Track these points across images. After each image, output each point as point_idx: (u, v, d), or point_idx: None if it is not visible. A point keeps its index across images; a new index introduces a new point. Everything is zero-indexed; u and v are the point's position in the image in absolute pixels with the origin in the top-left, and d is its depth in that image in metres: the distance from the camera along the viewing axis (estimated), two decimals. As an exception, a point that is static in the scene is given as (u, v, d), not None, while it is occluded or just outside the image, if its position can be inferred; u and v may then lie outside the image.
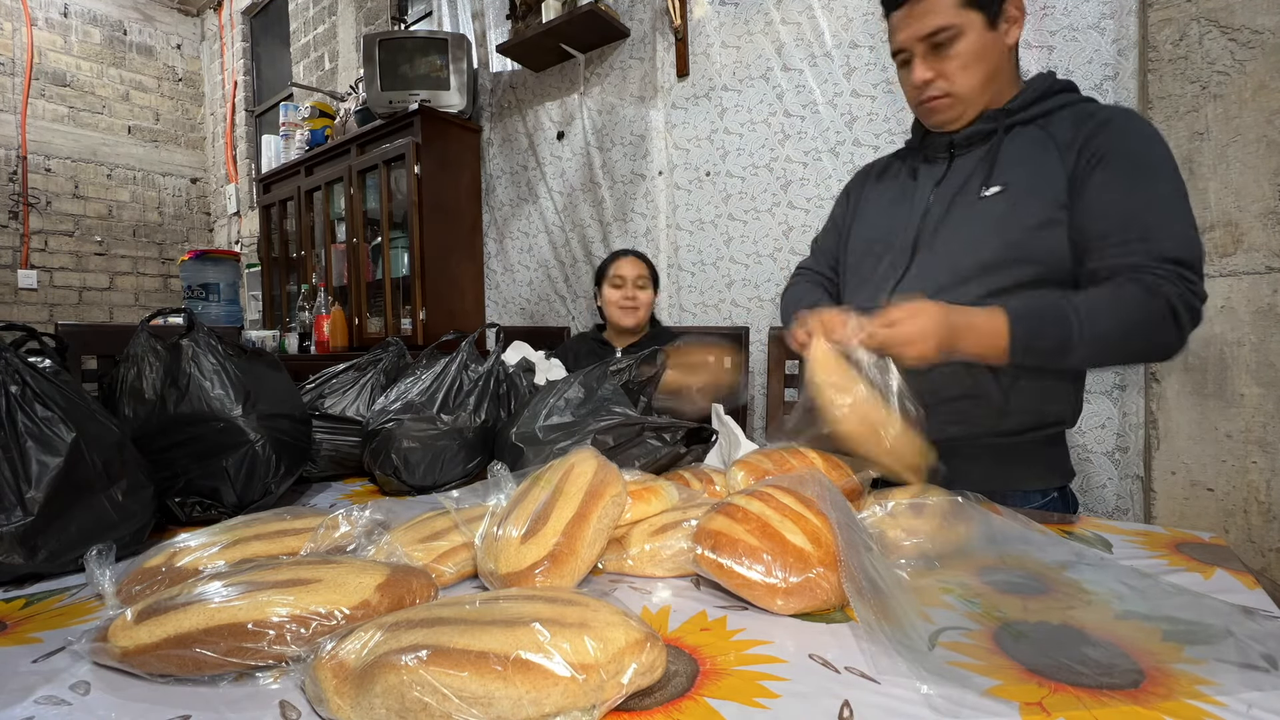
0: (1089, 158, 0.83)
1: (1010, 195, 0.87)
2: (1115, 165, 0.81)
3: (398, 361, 1.27)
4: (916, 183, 0.99)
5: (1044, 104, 0.90)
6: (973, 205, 0.90)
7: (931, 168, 0.98)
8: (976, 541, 0.63)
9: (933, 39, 0.87)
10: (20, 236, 3.97)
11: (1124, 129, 0.84)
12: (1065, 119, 0.88)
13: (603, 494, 0.59)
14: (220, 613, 0.44)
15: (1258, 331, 1.25)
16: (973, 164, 0.92)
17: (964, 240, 0.89)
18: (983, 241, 0.88)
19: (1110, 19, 1.42)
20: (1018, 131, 0.90)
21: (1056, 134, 0.87)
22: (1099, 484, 1.45)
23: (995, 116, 0.91)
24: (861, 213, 1.08)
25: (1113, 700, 0.38)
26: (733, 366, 1.24)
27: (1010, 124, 0.90)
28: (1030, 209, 0.85)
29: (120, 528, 0.67)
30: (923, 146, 1.01)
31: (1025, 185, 0.86)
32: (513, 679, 0.35)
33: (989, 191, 0.89)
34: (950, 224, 0.92)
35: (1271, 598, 0.53)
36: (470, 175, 2.84)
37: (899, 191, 1.02)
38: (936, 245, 0.92)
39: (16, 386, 0.64)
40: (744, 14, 2.03)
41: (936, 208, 0.94)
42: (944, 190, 0.94)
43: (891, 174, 1.07)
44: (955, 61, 0.87)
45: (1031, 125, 0.90)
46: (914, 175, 1.01)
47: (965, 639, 0.46)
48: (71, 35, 4.21)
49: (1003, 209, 0.87)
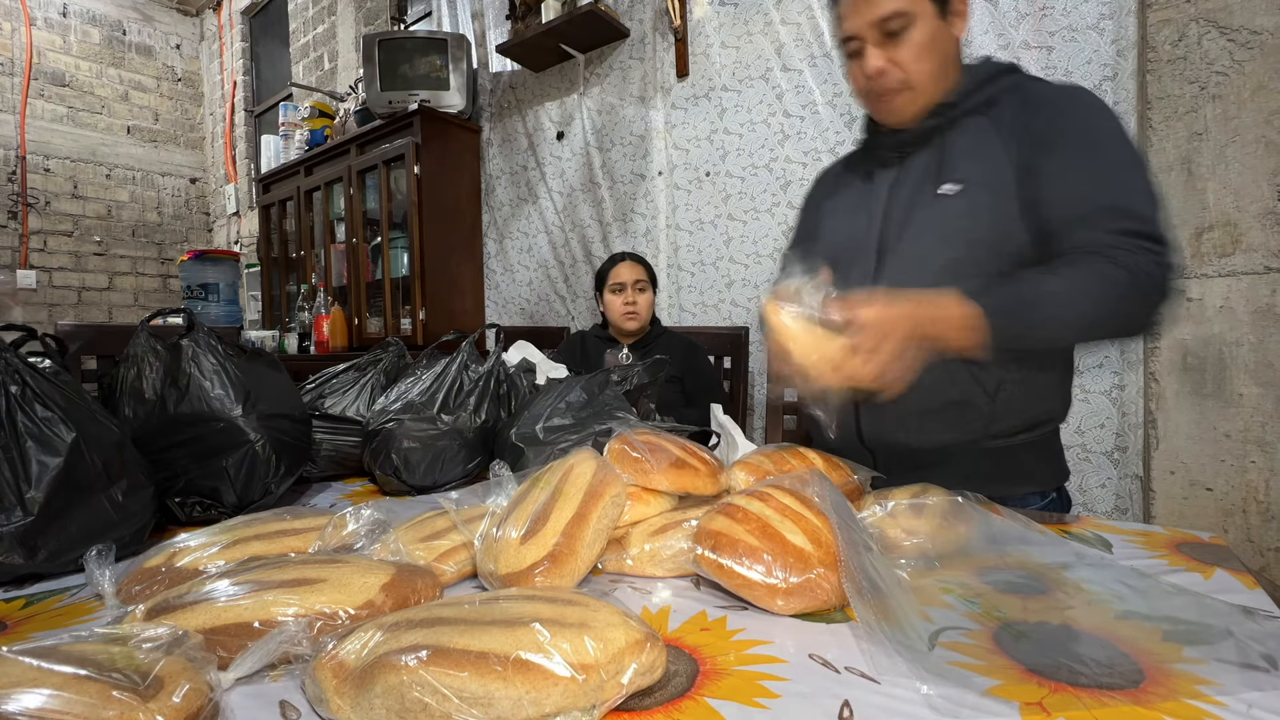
0: (1033, 142, 0.81)
1: (968, 193, 0.85)
2: (1062, 147, 0.79)
3: (397, 362, 1.27)
4: (872, 185, 0.97)
5: (986, 90, 0.87)
6: (932, 205, 0.88)
7: (885, 170, 0.96)
8: (976, 541, 0.63)
9: (886, 25, 0.84)
10: (19, 236, 3.97)
11: (1068, 107, 0.81)
12: (1009, 104, 0.86)
13: (602, 494, 0.59)
14: (226, 612, 0.44)
15: (1256, 331, 1.25)
16: (925, 162, 0.90)
17: (929, 242, 0.88)
18: (947, 242, 0.86)
19: (1109, 19, 1.42)
20: (965, 123, 0.88)
21: (1001, 120, 0.85)
22: (1098, 484, 1.45)
23: (941, 110, 0.88)
24: (824, 222, 1.06)
25: (1113, 700, 0.39)
26: None
27: (956, 115, 0.88)
28: (988, 205, 0.83)
29: (120, 528, 0.67)
30: (874, 147, 0.98)
31: (981, 180, 0.84)
32: (513, 679, 0.35)
33: (946, 190, 0.87)
34: (913, 226, 0.90)
35: (1271, 597, 0.53)
36: (470, 175, 2.84)
37: (857, 197, 1.00)
38: (902, 249, 0.90)
39: (16, 386, 0.64)
40: (744, 14, 2.03)
41: (896, 210, 0.92)
42: (900, 191, 0.92)
43: (846, 180, 1.05)
44: (910, 50, 0.84)
45: (977, 115, 0.87)
46: (869, 178, 0.99)
47: (965, 639, 0.47)
48: (70, 35, 4.21)
49: (961, 207, 0.85)
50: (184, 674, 0.37)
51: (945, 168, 0.88)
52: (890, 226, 0.93)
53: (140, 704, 0.34)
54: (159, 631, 0.40)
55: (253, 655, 0.40)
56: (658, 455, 0.68)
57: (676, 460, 0.68)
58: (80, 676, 0.34)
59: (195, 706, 0.36)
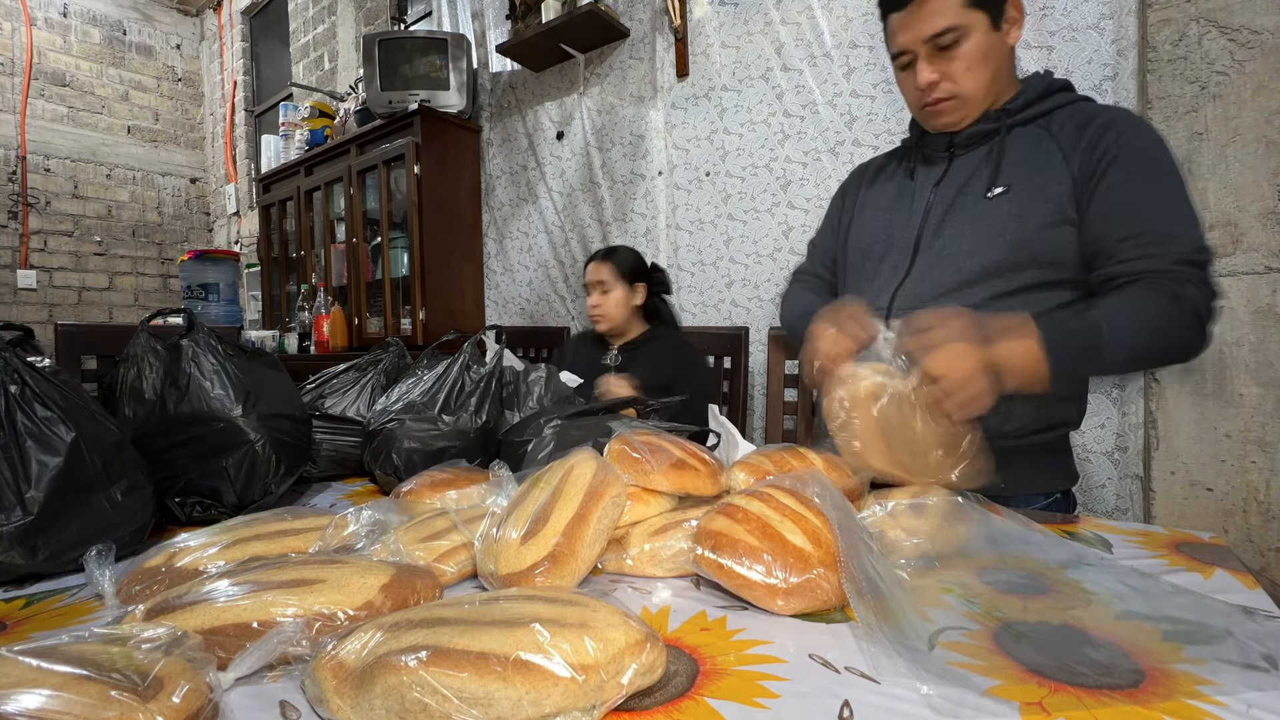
0: (1097, 160, 0.82)
1: (1015, 196, 0.86)
2: (1125, 168, 0.80)
3: (398, 362, 1.27)
4: (915, 183, 0.98)
5: (1043, 104, 0.89)
6: (976, 206, 0.89)
7: (930, 168, 0.97)
8: (976, 541, 0.63)
9: (938, 40, 0.85)
10: (20, 236, 3.97)
11: (1130, 131, 0.83)
12: (1066, 118, 0.87)
13: (602, 495, 0.59)
14: (225, 612, 0.44)
15: (1257, 331, 1.25)
16: (974, 164, 0.92)
17: (968, 242, 0.88)
18: (988, 243, 0.87)
19: (1110, 19, 1.42)
20: (1018, 132, 0.89)
21: (1058, 134, 0.86)
22: (1099, 484, 1.45)
23: (996, 116, 0.90)
24: (859, 213, 1.07)
25: (1113, 700, 0.39)
26: None
27: (1011, 124, 0.89)
28: (1036, 210, 0.84)
29: (120, 528, 0.67)
30: (920, 146, 1.00)
31: (1030, 186, 0.86)
32: (512, 679, 0.35)
33: (993, 192, 0.88)
34: (953, 225, 0.91)
35: (1271, 597, 0.53)
36: (470, 175, 2.84)
37: (897, 191, 1.01)
38: (938, 246, 0.91)
39: (16, 386, 0.64)
40: (744, 14, 2.03)
41: (937, 208, 0.93)
42: (944, 190, 0.93)
43: (888, 173, 1.06)
44: (961, 63, 0.86)
45: (1031, 125, 0.89)
46: (912, 175, 1.00)
47: (965, 639, 0.47)
48: (71, 35, 4.21)
49: (1008, 210, 0.86)
50: (184, 674, 0.37)
51: (989, 171, 0.89)
52: (929, 223, 0.93)
53: (140, 704, 0.34)
54: (158, 632, 0.40)
55: (251, 655, 0.40)
56: (658, 456, 0.68)
57: (677, 461, 0.68)
58: (80, 677, 0.34)
59: (195, 707, 0.36)
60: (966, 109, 0.90)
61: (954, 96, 0.88)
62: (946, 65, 0.87)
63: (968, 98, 0.88)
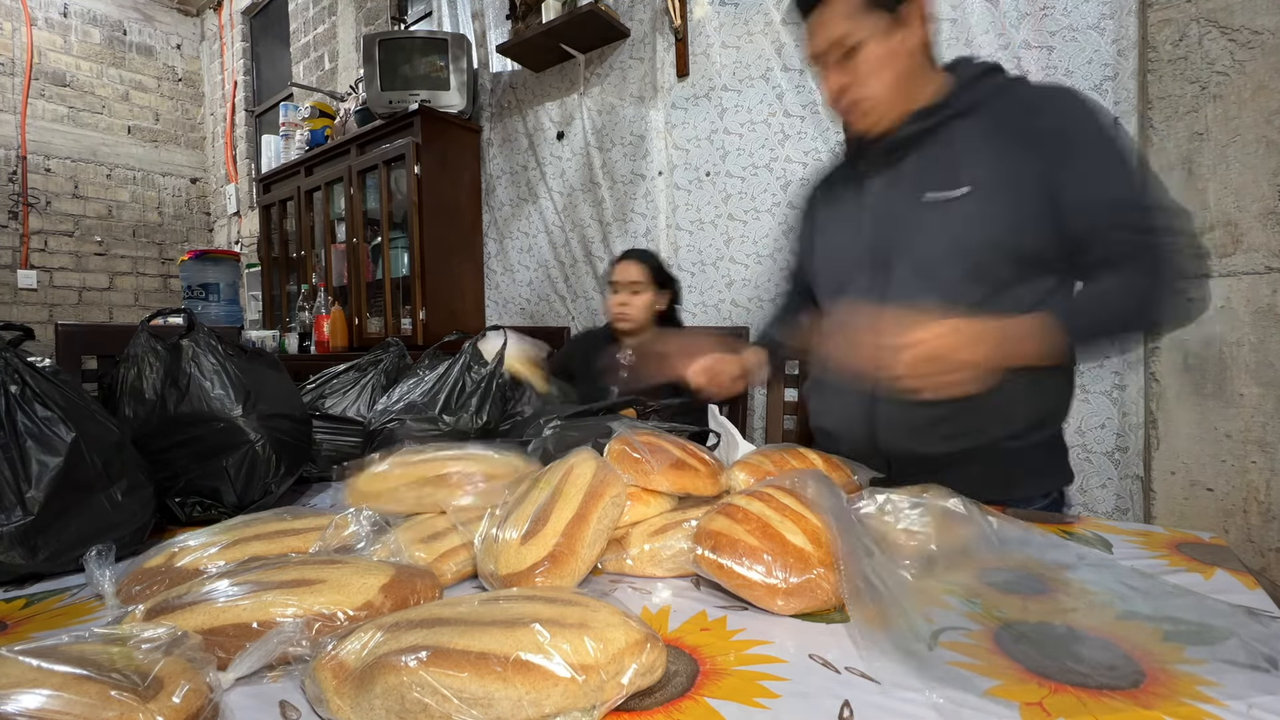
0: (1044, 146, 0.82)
1: (981, 195, 0.85)
2: (1085, 152, 0.81)
3: (398, 362, 1.27)
4: (865, 191, 0.96)
5: (971, 92, 0.88)
6: (941, 209, 0.87)
7: (880, 174, 0.95)
8: (977, 542, 0.63)
9: (840, 45, 0.86)
10: (20, 236, 3.97)
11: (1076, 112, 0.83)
12: (1007, 107, 0.86)
13: (602, 495, 0.59)
14: (225, 612, 0.44)
15: (1257, 331, 1.25)
16: (923, 165, 0.90)
17: (943, 247, 0.87)
18: (964, 246, 0.85)
19: (1110, 19, 1.42)
20: (959, 125, 0.87)
21: (1005, 126, 0.85)
22: (1099, 484, 1.45)
23: (931, 112, 0.88)
24: (820, 231, 1.06)
25: (1113, 700, 0.38)
26: None
27: (948, 117, 0.88)
28: (1004, 206, 0.83)
29: (120, 528, 0.67)
30: (863, 155, 0.98)
31: (992, 182, 0.84)
32: (512, 680, 0.35)
33: (956, 193, 0.86)
34: (924, 231, 0.89)
35: (1271, 598, 0.53)
36: (470, 175, 2.84)
37: (852, 204, 0.99)
38: (913, 255, 0.89)
39: (16, 386, 0.64)
40: (744, 14, 2.03)
41: (900, 217, 0.91)
42: (899, 197, 0.91)
43: (839, 187, 1.04)
44: (862, 68, 0.86)
45: (970, 116, 0.87)
46: (860, 185, 0.97)
47: (966, 639, 0.46)
48: (71, 35, 4.21)
49: (975, 210, 0.85)
50: (184, 674, 0.37)
51: (945, 171, 0.87)
52: (885, 233, 0.92)
53: (140, 704, 0.34)
54: (158, 632, 0.40)
55: (251, 656, 0.40)
56: (658, 456, 0.68)
57: (677, 461, 0.68)
58: (80, 677, 0.34)
59: (195, 707, 0.36)
60: (879, 111, 0.89)
61: (862, 100, 0.88)
62: (850, 71, 0.87)
63: (877, 100, 0.88)
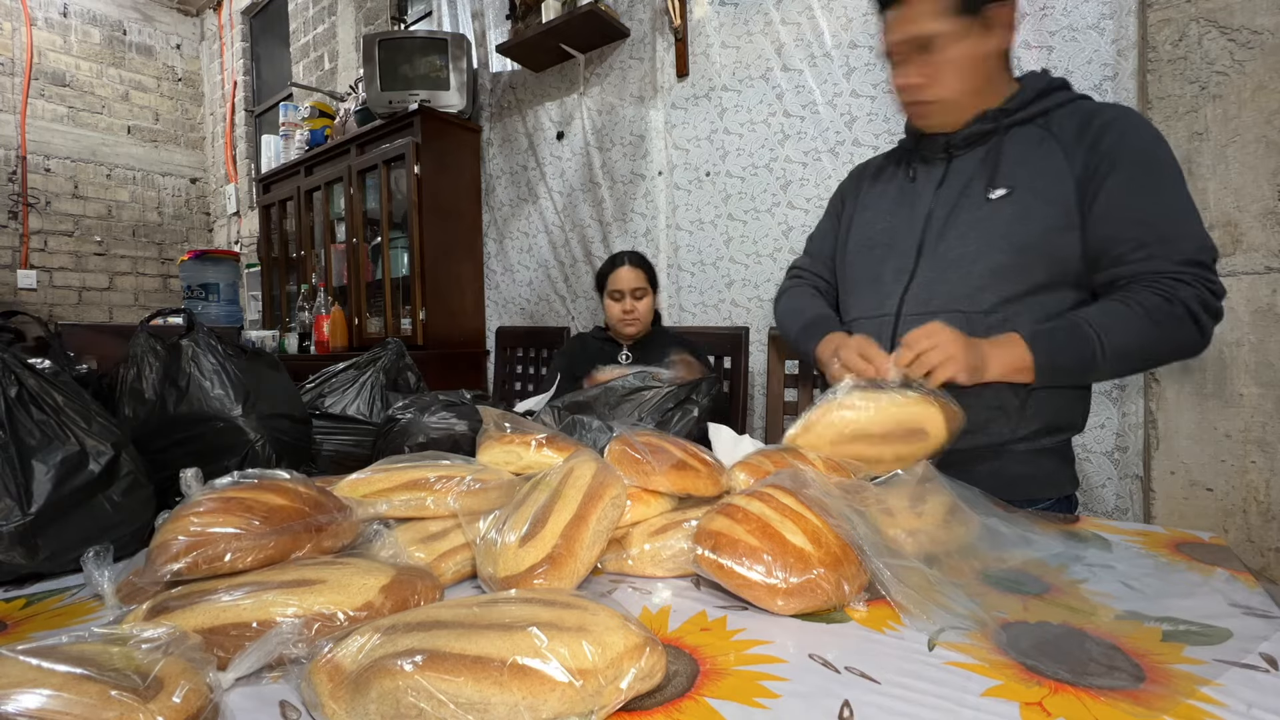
0: (1098, 162, 0.82)
1: (1018, 198, 0.86)
2: (1126, 169, 0.81)
3: (397, 361, 1.26)
4: (916, 184, 0.98)
5: (1041, 103, 0.89)
6: (979, 208, 0.89)
7: (930, 169, 0.97)
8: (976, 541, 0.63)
9: (918, 42, 0.87)
10: (20, 236, 3.97)
11: (1130, 130, 0.83)
12: (1066, 118, 0.87)
13: (602, 496, 0.59)
14: (225, 612, 0.44)
15: (1257, 331, 1.25)
16: (973, 165, 0.91)
17: (973, 245, 0.88)
18: (993, 246, 0.86)
19: (1110, 19, 1.42)
20: (1016, 131, 0.89)
21: (1059, 134, 0.86)
22: (1099, 484, 1.45)
23: (994, 117, 0.90)
24: (860, 214, 1.07)
25: (1113, 700, 0.39)
26: None
27: (1009, 124, 0.89)
28: (1040, 211, 0.84)
29: (120, 528, 0.67)
30: (919, 148, 0.99)
31: (1032, 187, 0.85)
32: (509, 684, 0.35)
33: (995, 194, 0.87)
34: (957, 228, 0.90)
35: (1271, 598, 0.53)
36: (470, 175, 2.84)
37: (898, 193, 1.00)
38: (942, 249, 0.91)
39: (15, 387, 0.64)
40: (744, 14, 2.03)
41: (940, 211, 0.93)
42: (946, 192, 0.93)
43: (888, 175, 1.05)
44: (939, 68, 0.87)
45: (1030, 125, 0.89)
46: (912, 177, 0.99)
47: (965, 639, 0.47)
48: (71, 35, 4.20)
49: (1011, 212, 0.86)
50: (184, 674, 0.37)
51: (997, 173, 0.89)
52: (932, 226, 0.93)
53: (140, 704, 0.34)
54: (158, 632, 0.40)
55: (250, 656, 0.40)
56: (658, 456, 0.68)
57: (677, 462, 0.68)
58: (80, 676, 0.34)
59: (195, 707, 0.36)
60: (946, 113, 0.91)
61: (933, 100, 0.90)
62: (926, 69, 0.88)
63: (946, 102, 0.89)
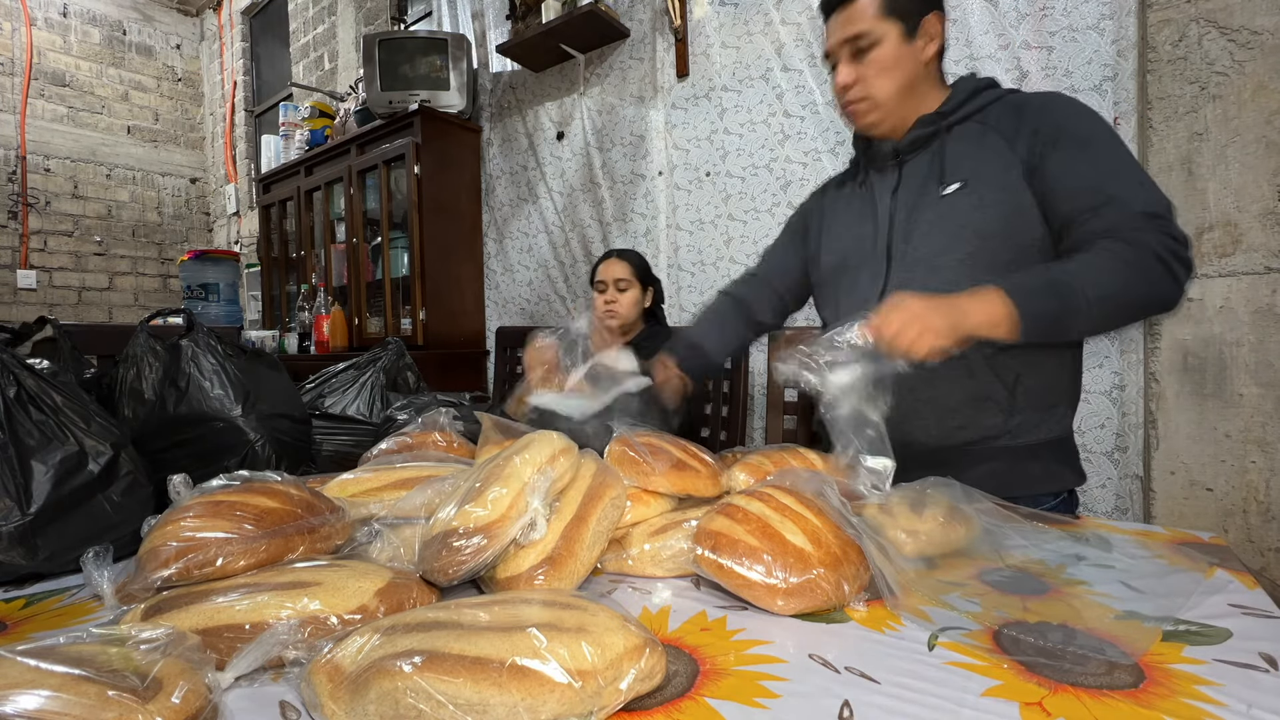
0: (1037, 143, 0.85)
1: (971, 189, 0.89)
2: (1065, 145, 0.83)
3: (397, 361, 1.26)
4: (873, 193, 1.01)
5: (975, 101, 0.93)
6: (937, 205, 0.91)
7: (883, 176, 1.00)
8: (976, 541, 0.63)
9: (854, 43, 0.92)
10: (19, 236, 3.96)
11: (1059, 110, 0.87)
12: (1001, 111, 0.91)
13: (602, 496, 0.59)
14: (220, 613, 0.44)
15: (1257, 331, 1.25)
16: (923, 166, 0.95)
17: (937, 240, 0.91)
18: (957, 237, 0.89)
19: (1109, 20, 1.42)
20: (958, 130, 0.93)
21: (998, 126, 0.89)
22: (1099, 484, 1.45)
23: (933, 120, 0.93)
24: (826, 231, 1.09)
25: (1113, 700, 0.39)
26: None
27: (949, 124, 0.93)
28: (994, 198, 0.87)
29: (120, 528, 0.67)
30: (868, 158, 1.03)
31: (982, 177, 0.88)
32: (508, 686, 0.35)
33: (949, 189, 0.90)
34: (920, 227, 0.93)
35: (1271, 597, 0.53)
36: (470, 175, 2.84)
37: (860, 205, 1.03)
38: (910, 250, 0.93)
39: (14, 388, 0.64)
40: (744, 14, 2.03)
41: (900, 213, 0.96)
42: (902, 195, 0.96)
43: (848, 191, 1.08)
44: (872, 67, 0.91)
45: (969, 122, 0.92)
46: (868, 187, 1.02)
47: (965, 639, 0.47)
48: (71, 35, 4.20)
49: (967, 203, 0.89)
50: (183, 675, 0.37)
51: (947, 169, 0.92)
52: (896, 229, 0.96)
53: (139, 705, 0.34)
54: (157, 632, 0.40)
55: (246, 657, 0.40)
56: (658, 457, 0.68)
57: (677, 462, 0.68)
58: (79, 677, 0.34)
59: (194, 708, 0.36)
60: (879, 113, 0.94)
61: (865, 98, 0.93)
62: (861, 69, 0.92)
63: (878, 100, 0.93)
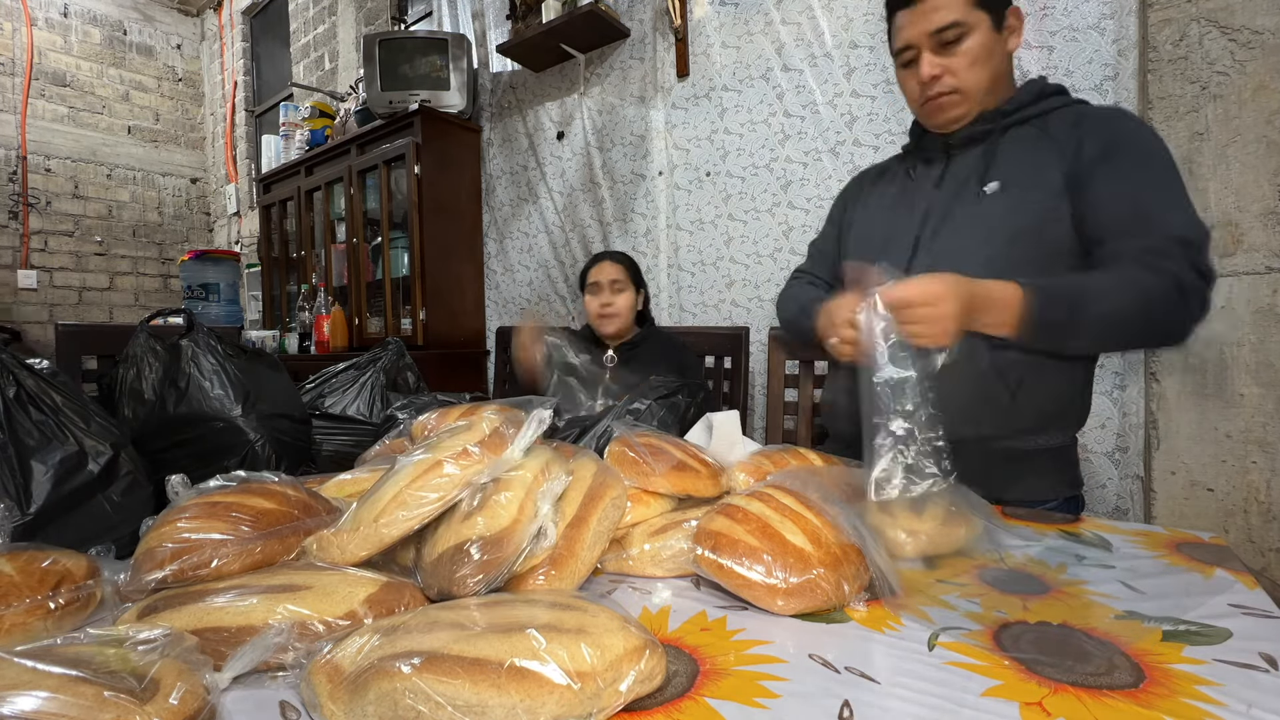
0: (1091, 153, 0.84)
1: (1010, 192, 0.88)
2: (1116, 157, 0.82)
3: (397, 361, 1.26)
4: (914, 183, 0.99)
5: (1038, 105, 0.91)
6: (974, 204, 0.90)
7: (929, 168, 0.98)
8: (976, 541, 0.63)
9: (942, 35, 0.88)
10: (20, 236, 3.97)
11: (1119, 123, 0.85)
12: (1061, 118, 0.89)
13: (602, 497, 0.59)
14: (209, 615, 0.44)
15: (1257, 331, 1.25)
16: (970, 163, 0.93)
17: (967, 239, 0.89)
18: (985, 239, 0.88)
19: (1110, 19, 1.42)
20: (1014, 131, 0.91)
21: (1055, 133, 0.88)
22: (1099, 484, 1.45)
23: (992, 117, 0.91)
24: (860, 216, 1.08)
25: (1113, 700, 0.38)
26: None
27: (1006, 124, 0.91)
28: (1030, 204, 0.86)
29: (120, 528, 0.67)
30: (919, 148, 1.01)
31: (1023, 181, 0.87)
32: (507, 687, 0.35)
33: (989, 189, 0.89)
34: (952, 223, 0.92)
35: (1271, 598, 0.53)
36: (470, 175, 2.84)
37: (898, 193, 1.02)
38: (937, 246, 0.92)
39: (14, 388, 0.64)
40: (744, 14, 2.03)
41: (937, 208, 0.94)
42: (943, 190, 0.95)
43: (889, 177, 1.07)
44: (964, 58, 0.88)
45: (1027, 125, 0.91)
46: (911, 176, 1.01)
47: (965, 639, 0.46)
48: (71, 35, 4.20)
49: (1003, 206, 0.87)
50: (180, 676, 0.37)
51: (991, 169, 0.90)
52: (928, 223, 0.95)
53: (137, 706, 0.33)
54: (154, 633, 0.39)
55: (240, 660, 0.40)
56: (658, 457, 0.68)
57: (677, 463, 0.68)
58: (76, 678, 0.34)
59: (192, 708, 0.35)
60: (967, 105, 0.92)
61: (955, 90, 0.90)
62: (949, 60, 0.89)
63: (968, 92, 0.90)
